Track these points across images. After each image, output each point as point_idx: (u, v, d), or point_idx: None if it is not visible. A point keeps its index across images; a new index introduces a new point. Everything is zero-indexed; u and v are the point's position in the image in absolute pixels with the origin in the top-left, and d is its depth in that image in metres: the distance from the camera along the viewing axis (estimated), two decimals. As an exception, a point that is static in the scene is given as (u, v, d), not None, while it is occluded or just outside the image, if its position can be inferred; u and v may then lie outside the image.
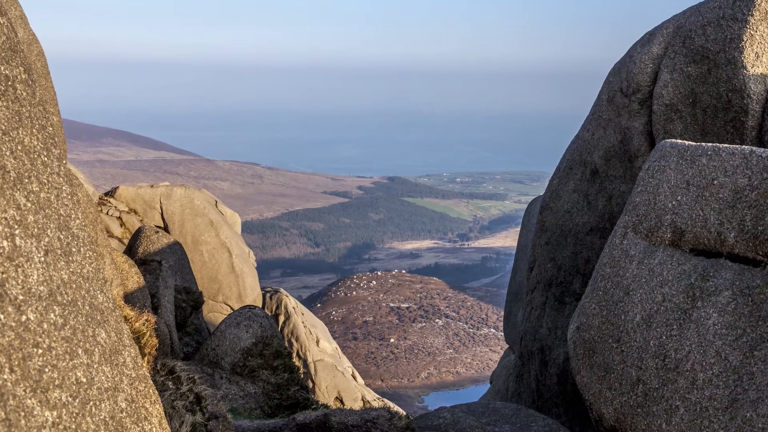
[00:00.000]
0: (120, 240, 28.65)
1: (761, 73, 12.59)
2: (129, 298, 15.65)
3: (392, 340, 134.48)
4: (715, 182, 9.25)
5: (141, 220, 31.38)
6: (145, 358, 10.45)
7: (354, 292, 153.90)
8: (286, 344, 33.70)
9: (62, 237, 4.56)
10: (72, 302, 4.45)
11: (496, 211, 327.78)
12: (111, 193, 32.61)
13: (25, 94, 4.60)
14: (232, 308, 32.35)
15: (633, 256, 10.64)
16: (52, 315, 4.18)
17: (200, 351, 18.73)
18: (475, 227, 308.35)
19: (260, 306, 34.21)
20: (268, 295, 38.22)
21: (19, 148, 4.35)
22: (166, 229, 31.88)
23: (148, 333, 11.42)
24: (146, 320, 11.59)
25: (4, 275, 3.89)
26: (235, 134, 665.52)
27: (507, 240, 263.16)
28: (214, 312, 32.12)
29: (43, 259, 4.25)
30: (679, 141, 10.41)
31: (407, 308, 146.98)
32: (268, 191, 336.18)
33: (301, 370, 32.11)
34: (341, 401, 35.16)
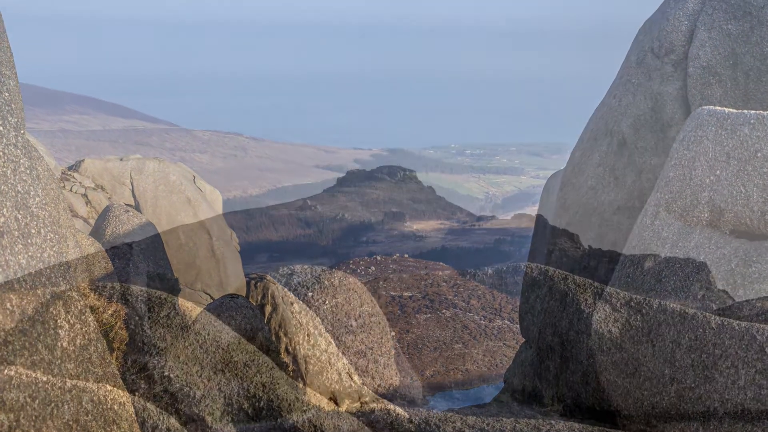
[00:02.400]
0: (85, 220, 28.66)
1: (812, 31, 12.53)
2: (95, 286, 15.65)
3: (393, 334, 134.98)
4: (759, 155, 9.22)
5: (109, 198, 31.37)
6: (114, 354, 10.47)
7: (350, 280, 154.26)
8: (274, 338, 33.78)
9: (20, 217, 4.55)
10: (31, 290, 4.44)
11: (511, 188, 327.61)
12: (75, 167, 32.59)
13: (-25, 54, 4.57)
14: (212, 297, 32.39)
15: (666, 238, 10.63)
16: (8, 305, 4.17)
17: (176, 346, 18.76)
18: (488, 205, 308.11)
19: (244, 295, 34.23)
20: (252, 282, 38.19)
21: (-30, 116, 4.33)
22: (137, 207, 31.88)
23: (117, 325, 11.42)
24: (115, 311, 11.60)
25: (-47, 260, 3.88)
26: (216, 101, 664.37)
27: (523, 220, 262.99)
28: (192, 302, 32.15)
29: (-3, 242, 4.24)
30: (717, 108, 10.38)
31: (410, 297, 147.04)
32: (252, 165, 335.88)
33: (290, 368, 32.18)
34: (336, 402, 35.26)
